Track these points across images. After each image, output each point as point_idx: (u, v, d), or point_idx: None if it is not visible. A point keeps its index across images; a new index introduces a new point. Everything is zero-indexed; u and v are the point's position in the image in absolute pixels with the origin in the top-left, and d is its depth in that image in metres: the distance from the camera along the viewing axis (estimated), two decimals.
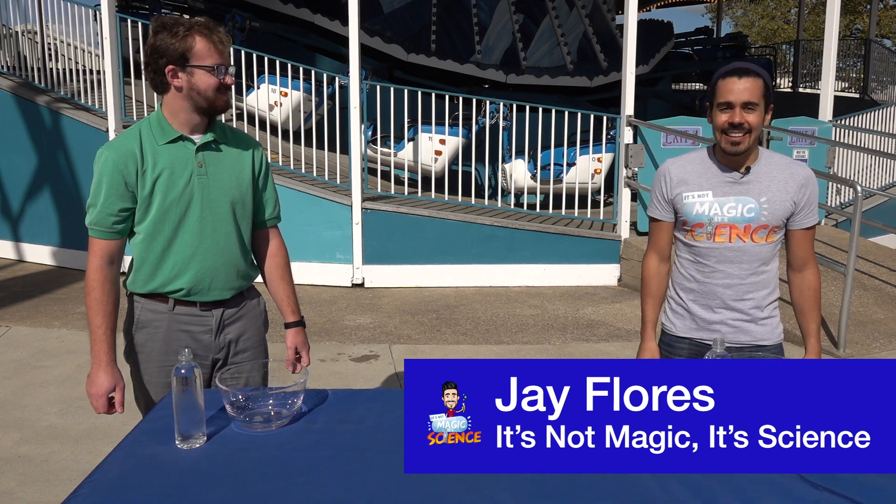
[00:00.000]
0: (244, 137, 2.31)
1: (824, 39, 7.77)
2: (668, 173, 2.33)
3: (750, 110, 2.15)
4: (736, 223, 2.24)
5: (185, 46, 2.04)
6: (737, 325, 2.31)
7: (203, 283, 2.19)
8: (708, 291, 2.31)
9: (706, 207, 2.25)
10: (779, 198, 2.22)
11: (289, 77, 7.60)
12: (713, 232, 2.26)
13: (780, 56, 17.14)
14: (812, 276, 2.34)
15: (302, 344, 2.38)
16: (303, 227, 6.92)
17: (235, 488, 1.56)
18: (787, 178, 2.23)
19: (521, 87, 10.80)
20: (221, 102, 2.13)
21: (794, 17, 30.91)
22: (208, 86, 2.08)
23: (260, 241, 2.36)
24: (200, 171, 2.14)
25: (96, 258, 2.10)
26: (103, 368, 2.09)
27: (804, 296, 2.35)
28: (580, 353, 5.30)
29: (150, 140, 2.11)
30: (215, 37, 2.07)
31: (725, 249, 2.26)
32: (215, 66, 2.07)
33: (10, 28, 8.14)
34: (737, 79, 2.15)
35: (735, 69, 2.17)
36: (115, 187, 2.07)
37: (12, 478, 3.43)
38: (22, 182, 7.66)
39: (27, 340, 5.39)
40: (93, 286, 2.09)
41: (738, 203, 2.23)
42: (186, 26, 2.05)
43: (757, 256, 2.26)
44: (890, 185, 9.08)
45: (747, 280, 2.28)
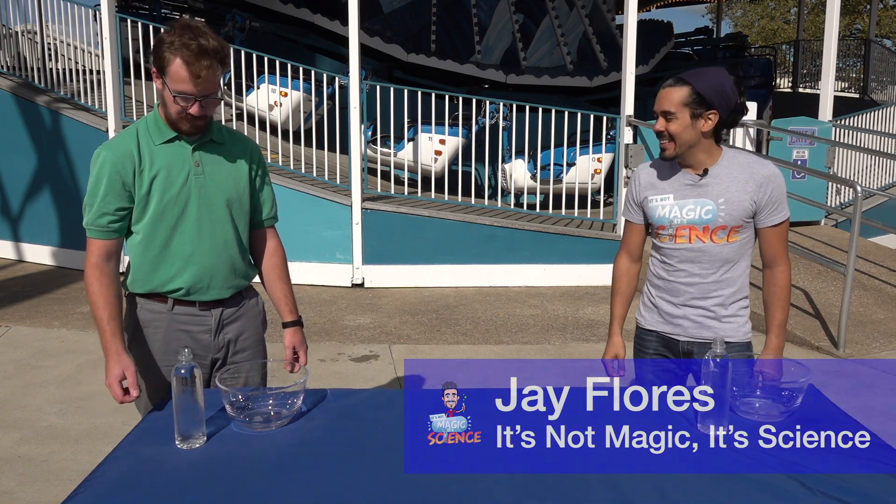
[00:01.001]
0: (241, 138, 2.31)
1: (824, 39, 7.77)
2: (638, 177, 2.43)
3: (669, 119, 2.22)
4: (695, 224, 2.29)
5: (166, 60, 1.99)
6: (699, 321, 2.36)
7: (202, 282, 2.19)
8: (672, 288, 2.38)
9: (667, 210, 2.33)
10: (737, 198, 2.25)
11: (289, 77, 7.59)
12: (674, 234, 2.32)
13: (780, 56, 17.13)
14: (780, 273, 2.35)
15: (300, 343, 2.38)
16: (303, 227, 6.92)
17: (235, 488, 1.56)
18: (747, 178, 2.26)
19: (521, 88, 10.80)
20: (185, 127, 2.09)
21: (794, 17, 30.89)
22: (170, 106, 2.05)
23: (257, 241, 2.36)
24: (197, 170, 2.14)
25: (93, 257, 2.11)
26: (111, 357, 2.08)
27: (769, 292, 2.38)
28: (580, 353, 5.30)
29: (147, 140, 2.11)
30: (196, 67, 1.96)
31: (686, 250, 2.32)
32: (181, 92, 2.00)
33: (10, 28, 8.13)
34: (662, 88, 2.25)
35: (669, 79, 2.26)
36: (112, 187, 2.07)
37: (12, 478, 3.43)
38: (22, 182, 7.66)
39: (27, 340, 5.39)
40: (90, 282, 2.09)
41: (697, 205, 2.28)
42: (177, 44, 1.97)
43: (718, 257, 2.30)
44: (890, 185, 9.08)
45: (709, 279, 2.32)
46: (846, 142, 8.29)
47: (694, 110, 2.20)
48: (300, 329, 2.39)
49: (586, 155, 7.68)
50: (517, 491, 1.55)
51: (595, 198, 7.96)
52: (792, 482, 1.58)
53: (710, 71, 2.24)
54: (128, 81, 7.97)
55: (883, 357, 5.03)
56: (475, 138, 7.50)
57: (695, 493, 1.55)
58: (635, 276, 2.57)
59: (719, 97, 2.20)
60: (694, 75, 2.22)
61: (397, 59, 10.39)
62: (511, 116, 8.03)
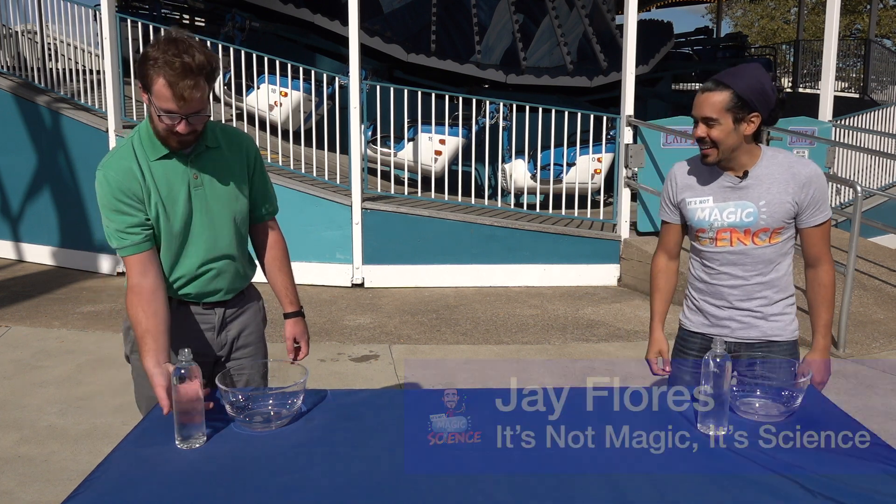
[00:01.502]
0: (235, 134, 2.24)
1: (824, 39, 7.76)
2: (674, 178, 2.37)
3: (711, 125, 2.16)
4: (736, 227, 2.25)
5: (149, 79, 1.92)
6: (745, 322, 2.32)
7: (209, 287, 2.21)
8: (715, 291, 2.34)
9: (707, 213, 2.27)
10: (778, 199, 2.21)
11: (289, 77, 7.59)
12: (714, 237, 2.28)
13: (780, 56, 17.14)
14: (824, 273, 2.32)
15: (301, 334, 2.38)
16: (303, 227, 6.92)
17: (235, 488, 1.56)
18: (788, 179, 2.21)
19: (520, 88, 10.80)
20: (173, 143, 2.04)
21: (794, 17, 30.90)
22: (156, 124, 2.01)
23: (258, 234, 2.35)
24: (196, 182, 2.10)
25: (131, 279, 2.04)
26: (149, 373, 1.97)
27: (814, 291, 2.35)
28: (580, 354, 5.30)
29: (143, 156, 2.06)
30: (181, 87, 1.89)
31: (728, 253, 2.28)
32: (167, 111, 1.94)
33: (10, 28, 8.13)
34: (701, 93, 2.18)
35: (707, 82, 2.20)
36: (126, 204, 2.03)
37: (12, 478, 3.43)
38: (22, 182, 7.66)
39: (27, 340, 5.39)
40: (127, 307, 2.04)
41: (738, 208, 2.24)
42: (161, 61, 1.88)
43: (760, 258, 2.26)
44: (890, 185, 9.08)
45: (753, 281, 2.28)
46: (846, 142, 8.29)
47: (736, 114, 2.14)
48: (302, 319, 2.39)
49: (586, 155, 7.68)
50: (517, 491, 1.55)
51: (595, 198, 7.95)
52: (791, 483, 1.58)
53: (748, 70, 2.16)
54: (128, 81, 7.95)
55: (883, 357, 5.03)
56: (475, 138, 7.50)
57: (694, 494, 1.55)
58: (674, 273, 2.51)
59: (761, 97, 2.14)
60: (732, 76, 2.15)
61: (397, 59, 10.39)
62: (511, 116, 8.03)
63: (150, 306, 2.01)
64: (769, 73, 11.13)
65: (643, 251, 6.89)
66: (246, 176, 2.23)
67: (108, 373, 4.68)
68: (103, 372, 4.72)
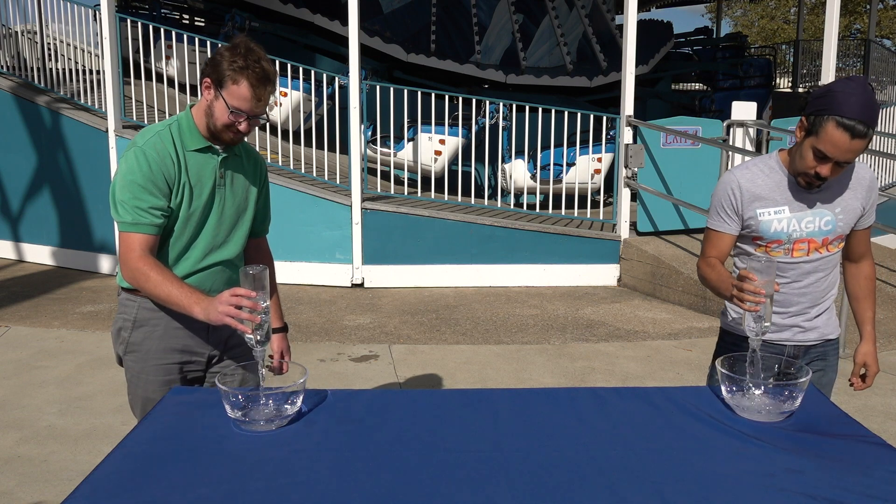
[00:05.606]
0: (251, 150, 2.38)
1: (824, 39, 7.76)
2: (738, 187, 2.23)
3: (842, 166, 2.05)
4: (814, 237, 2.22)
5: (230, 78, 2.04)
6: (804, 326, 2.33)
7: (206, 284, 2.24)
8: (784, 300, 2.29)
9: (784, 224, 2.21)
10: (851, 206, 2.21)
11: (288, 77, 7.60)
12: (791, 247, 2.24)
13: (780, 56, 17.15)
14: (868, 266, 2.38)
15: (286, 349, 2.49)
16: (303, 227, 6.92)
17: (235, 488, 1.56)
18: (855, 184, 2.21)
19: (520, 88, 10.80)
20: (227, 137, 2.15)
21: (793, 17, 30.91)
22: (221, 118, 2.10)
23: (251, 249, 2.43)
24: (221, 181, 2.21)
25: (135, 252, 2.06)
26: (203, 303, 1.99)
27: (860, 285, 2.38)
28: (580, 353, 5.30)
29: (180, 144, 2.15)
30: (260, 90, 2.06)
31: (804, 262, 2.25)
32: (237, 108, 2.06)
33: (10, 28, 8.13)
34: (849, 138, 1.97)
35: (854, 124, 1.95)
36: (157, 187, 2.08)
37: (12, 478, 3.43)
38: (22, 182, 7.66)
39: (27, 340, 5.39)
40: (145, 272, 2.05)
41: (816, 217, 2.20)
42: (242, 64, 2.03)
43: (831, 263, 2.28)
44: (890, 185, 9.09)
45: (822, 286, 2.30)
46: None
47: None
48: (286, 335, 2.51)
49: (586, 155, 7.68)
50: (518, 494, 1.55)
51: (595, 198, 7.96)
52: (791, 483, 1.58)
53: (872, 99, 1.97)
54: (128, 81, 7.98)
55: (883, 357, 5.03)
56: (475, 138, 7.50)
57: (694, 495, 1.55)
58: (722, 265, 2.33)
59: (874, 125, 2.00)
60: (872, 112, 1.96)
61: (397, 59, 10.39)
62: (511, 116, 8.03)
63: (166, 269, 2.09)
64: (769, 74, 10.99)
65: (643, 251, 6.89)
66: (257, 189, 2.34)
67: (108, 373, 4.68)
68: (103, 372, 4.72)
